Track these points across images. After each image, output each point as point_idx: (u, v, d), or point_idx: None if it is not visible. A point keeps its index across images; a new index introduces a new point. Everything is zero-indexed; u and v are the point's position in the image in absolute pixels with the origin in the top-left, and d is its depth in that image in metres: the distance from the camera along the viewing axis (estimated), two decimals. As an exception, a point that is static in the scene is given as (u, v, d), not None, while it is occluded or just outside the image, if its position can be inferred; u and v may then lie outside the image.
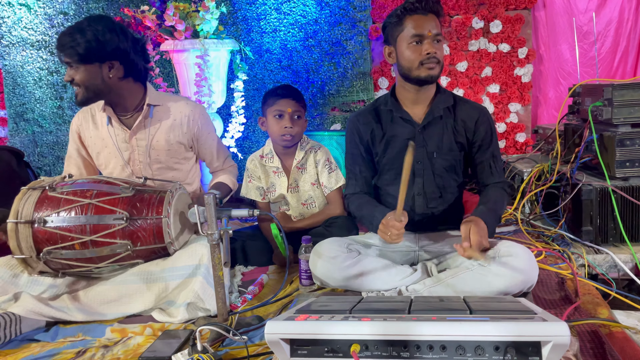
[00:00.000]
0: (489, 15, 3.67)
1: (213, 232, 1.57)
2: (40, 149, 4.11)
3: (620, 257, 2.02)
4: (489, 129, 1.92)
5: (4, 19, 3.95)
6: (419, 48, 1.80)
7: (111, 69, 1.96)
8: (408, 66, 1.83)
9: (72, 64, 1.93)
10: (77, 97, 1.97)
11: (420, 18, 1.79)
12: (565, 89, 3.70)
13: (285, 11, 3.82)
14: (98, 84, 1.96)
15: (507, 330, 1.03)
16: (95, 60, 1.93)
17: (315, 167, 2.36)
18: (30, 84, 4.02)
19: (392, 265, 1.84)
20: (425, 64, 1.79)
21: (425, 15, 1.79)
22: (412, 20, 1.80)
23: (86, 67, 1.92)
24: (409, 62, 1.82)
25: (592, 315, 1.57)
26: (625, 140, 2.10)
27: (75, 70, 1.93)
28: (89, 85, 1.95)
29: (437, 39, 1.80)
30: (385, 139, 1.94)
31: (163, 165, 2.13)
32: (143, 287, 1.74)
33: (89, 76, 1.94)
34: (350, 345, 1.08)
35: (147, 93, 2.09)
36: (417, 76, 1.82)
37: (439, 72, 1.83)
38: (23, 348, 1.56)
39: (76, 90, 1.96)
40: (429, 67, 1.79)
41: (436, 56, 1.79)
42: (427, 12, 1.79)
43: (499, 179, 1.93)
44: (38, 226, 1.68)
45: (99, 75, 1.95)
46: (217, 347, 1.49)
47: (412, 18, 1.80)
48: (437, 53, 1.79)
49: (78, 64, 1.92)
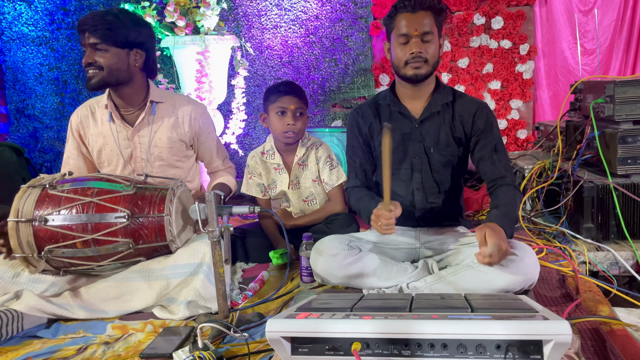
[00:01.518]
0: (490, 11, 3.66)
1: (214, 229, 1.57)
2: (41, 145, 4.10)
3: (622, 254, 2.02)
4: (488, 122, 1.88)
5: (4, 14, 3.94)
6: (405, 47, 1.80)
7: (136, 57, 1.99)
8: (397, 64, 1.85)
9: (100, 46, 1.92)
10: (92, 79, 1.94)
11: (408, 16, 1.78)
12: (566, 85, 3.70)
13: (286, 7, 3.81)
14: (123, 69, 1.97)
15: (509, 328, 1.03)
16: (126, 45, 1.95)
17: (316, 164, 2.36)
18: (31, 80, 4.01)
19: (393, 262, 1.84)
20: (410, 63, 1.80)
21: (413, 14, 1.77)
22: (401, 19, 1.80)
23: (116, 50, 1.94)
24: (397, 60, 1.84)
25: (593, 312, 1.57)
26: (627, 137, 2.10)
27: (103, 52, 1.93)
28: (114, 70, 1.95)
29: (425, 38, 1.78)
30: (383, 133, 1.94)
31: (165, 162, 2.13)
32: (144, 285, 1.74)
33: (116, 60, 1.95)
34: (351, 343, 1.08)
35: (150, 89, 2.09)
36: (405, 75, 1.83)
37: (428, 71, 1.81)
38: (24, 344, 1.56)
39: (92, 73, 1.94)
40: (414, 66, 1.79)
41: (422, 55, 1.78)
42: (417, 10, 1.77)
43: (505, 174, 1.85)
44: (39, 225, 1.68)
45: (126, 61, 1.97)
46: (217, 344, 1.49)
47: (401, 16, 1.80)
48: (423, 52, 1.78)
49: (108, 46, 1.92)
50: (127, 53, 1.97)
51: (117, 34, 1.92)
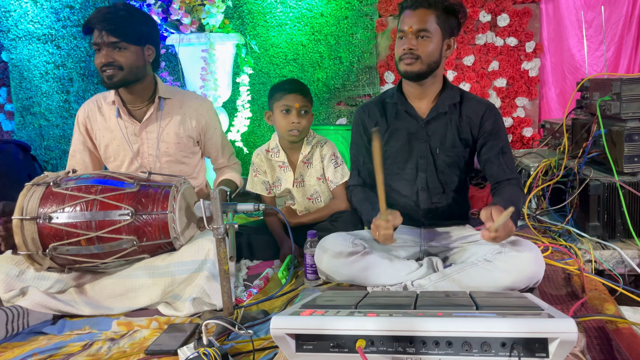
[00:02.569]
0: (496, 8, 3.64)
1: (219, 227, 1.58)
2: (47, 143, 4.12)
3: (628, 252, 2.01)
4: (496, 125, 1.87)
5: (11, 12, 3.96)
6: (401, 43, 1.81)
7: (149, 53, 2.00)
8: (395, 60, 1.86)
9: (120, 44, 1.91)
10: (113, 79, 1.93)
11: (408, 13, 1.79)
12: (572, 83, 3.67)
13: (291, 5, 3.81)
14: (140, 66, 1.98)
15: (514, 326, 1.02)
16: (141, 42, 1.96)
17: (321, 162, 2.36)
18: (37, 77, 4.03)
19: (397, 260, 1.84)
20: (402, 59, 1.80)
21: (413, 11, 1.78)
22: (403, 15, 1.81)
23: (134, 48, 1.94)
24: (396, 56, 1.85)
25: (599, 311, 1.57)
26: (634, 135, 2.08)
27: (123, 51, 1.92)
28: (133, 68, 1.95)
29: (420, 34, 1.77)
30: (389, 132, 1.93)
31: (172, 158, 2.14)
32: (149, 282, 1.75)
33: (135, 57, 1.95)
34: (355, 341, 1.08)
35: (157, 85, 2.10)
36: (399, 70, 1.84)
37: (422, 69, 1.79)
38: (30, 341, 1.57)
39: (111, 72, 1.92)
40: (406, 62, 1.79)
41: (414, 52, 1.77)
42: (417, 7, 1.77)
43: (510, 176, 1.86)
44: (43, 222, 1.68)
45: (142, 58, 1.98)
46: (222, 340, 1.50)
47: (404, 12, 1.81)
48: (415, 49, 1.77)
49: (128, 44, 1.92)
50: (142, 49, 1.98)
51: (134, 30, 1.93)
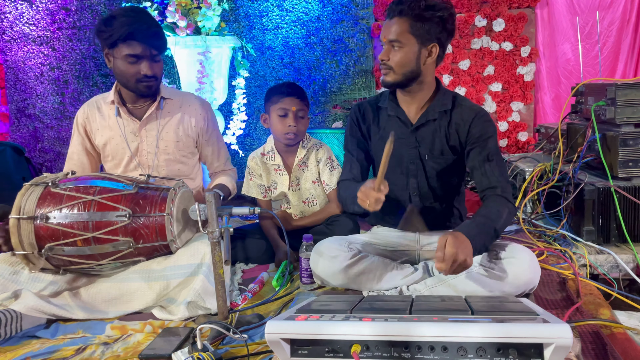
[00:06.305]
0: (492, 13, 3.66)
1: (214, 230, 1.57)
2: (42, 145, 4.10)
3: (622, 257, 2.01)
4: (484, 131, 1.81)
5: (6, 14, 3.95)
6: None
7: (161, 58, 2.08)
8: None
9: (157, 57, 2.01)
10: (152, 88, 2.04)
11: (385, 23, 1.81)
12: (567, 88, 3.69)
13: (288, 8, 3.81)
14: (163, 72, 2.09)
15: (509, 331, 1.02)
16: None
17: (316, 165, 2.36)
18: (32, 79, 4.01)
19: (393, 264, 1.84)
20: (380, 69, 1.83)
21: (389, 20, 1.79)
22: None
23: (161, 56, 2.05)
24: None
25: (594, 315, 1.57)
26: (629, 140, 2.09)
27: (159, 62, 2.03)
28: (162, 74, 2.07)
29: (392, 44, 1.77)
30: (380, 135, 1.93)
31: (170, 157, 2.15)
32: (144, 286, 1.74)
33: (162, 65, 2.06)
34: (351, 346, 1.08)
35: (160, 86, 2.12)
36: None
37: (396, 79, 1.79)
38: (23, 345, 1.56)
39: (152, 83, 2.02)
40: (382, 72, 1.82)
41: (385, 62, 1.78)
42: (392, 17, 1.77)
43: (496, 184, 1.77)
44: (40, 222, 1.67)
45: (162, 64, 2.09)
46: (217, 345, 1.49)
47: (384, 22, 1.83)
48: (386, 59, 1.78)
49: (161, 55, 2.03)
50: None
51: (165, 43, 2.03)
